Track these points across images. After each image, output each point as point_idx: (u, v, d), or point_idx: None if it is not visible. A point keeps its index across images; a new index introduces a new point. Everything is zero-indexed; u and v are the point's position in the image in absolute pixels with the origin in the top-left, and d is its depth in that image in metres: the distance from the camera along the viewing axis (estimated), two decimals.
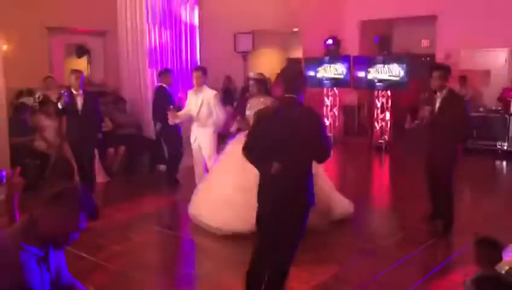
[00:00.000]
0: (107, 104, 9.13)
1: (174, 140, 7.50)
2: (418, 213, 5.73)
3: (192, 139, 6.47)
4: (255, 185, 3.37)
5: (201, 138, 6.35)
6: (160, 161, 8.72)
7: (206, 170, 6.26)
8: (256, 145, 3.30)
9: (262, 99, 5.18)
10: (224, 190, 5.12)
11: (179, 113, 6.45)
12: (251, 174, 3.57)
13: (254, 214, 3.37)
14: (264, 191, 3.31)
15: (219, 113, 6.22)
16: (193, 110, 6.26)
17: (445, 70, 5.15)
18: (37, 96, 7.99)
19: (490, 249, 2.70)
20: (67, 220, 2.07)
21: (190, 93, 6.35)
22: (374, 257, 4.63)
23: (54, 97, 8.16)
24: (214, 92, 6.32)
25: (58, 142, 7.74)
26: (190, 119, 6.50)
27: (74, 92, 6.24)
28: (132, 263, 4.54)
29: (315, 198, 3.35)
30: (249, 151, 3.32)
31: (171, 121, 6.30)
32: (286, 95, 3.32)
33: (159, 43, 8.78)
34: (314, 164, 3.40)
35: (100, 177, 7.83)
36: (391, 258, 4.54)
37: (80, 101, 6.24)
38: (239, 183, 4.85)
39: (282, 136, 3.19)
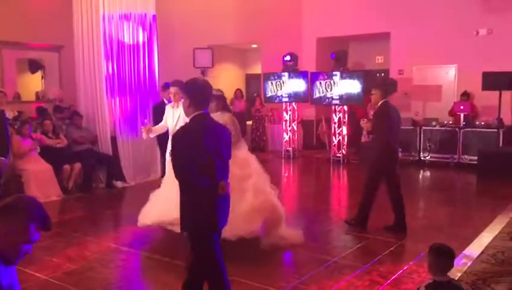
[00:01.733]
0: (63, 120, 8.94)
1: None
2: (377, 224, 5.88)
3: (168, 153, 6.34)
4: None
5: None
6: (117, 176, 8.59)
7: None
8: (184, 165, 3.25)
9: (217, 117, 5.19)
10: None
11: (154, 127, 6.40)
12: None
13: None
14: (204, 209, 3.29)
15: None
16: (170, 125, 6.14)
17: (381, 87, 5.90)
18: None
19: (443, 258, 2.75)
20: (17, 232, 2.00)
21: (168, 107, 6.28)
22: (331, 268, 4.68)
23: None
24: None
25: (10, 160, 7.51)
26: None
27: None
28: (87, 282, 4.42)
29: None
30: (180, 172, 3.28)
31: (144, 135, 6.23)
32: (197, 112, 3.35)
33: (116, 56, 8.68)
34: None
35: (55, 195, 7.64)
36: (348, 269, 4.61)
37: None
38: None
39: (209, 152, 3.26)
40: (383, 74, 12.75)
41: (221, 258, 3.41)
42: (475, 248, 5.17)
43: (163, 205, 5.11)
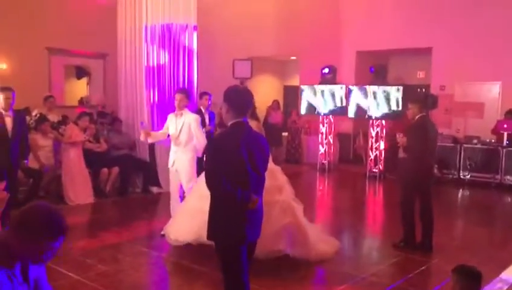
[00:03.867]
0: (105, 125, 9.22)
1: None
2: (411, 241, 5.74)
3: (170, 163, 6.15)
4: None
5: (180, 162, 6.02)
6: (153, 182, 8.75)
7: (182, 196, 6.13)
8: (217, 172, 3.14)
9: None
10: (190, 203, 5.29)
11: (154, 132, 6.34)
12: None
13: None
14: (232, 220, 3.20)
15: (200, 138, 5.95)
16: (173, 134, 6.04)
17: (418, 102, 5.76)
18: (34, 114, 8.06)
19: (468, 280, 2.67)
20: (32, 244, 2.07)
21: (170, 116, 6.15)
22: (359, 285, 4.62)
23: (52, 117, 8.30)
24: (195, 115, 6.12)
25: (52, 162, 7.80)
26: (164, 142, 6.41)
27: (3, 112, 5.91)
28: (116, 284, 4.53)
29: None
30: (212, 179, 3.17)
31: (142, 137, 6.16)
32: (236, 120, 3.25)
33: (157, 65, 8.89)
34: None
35: (92, 198, 7.87)
36: (376, 286, 4.54)
37: (9, 123, 5.90)
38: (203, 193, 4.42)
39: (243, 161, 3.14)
40: (423, 89, 12.51)
41: (246, 271, 3.29)
42: None
43: (200, 218, 4.76)
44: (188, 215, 5.23)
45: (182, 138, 5.97)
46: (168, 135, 6.13)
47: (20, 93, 7.54)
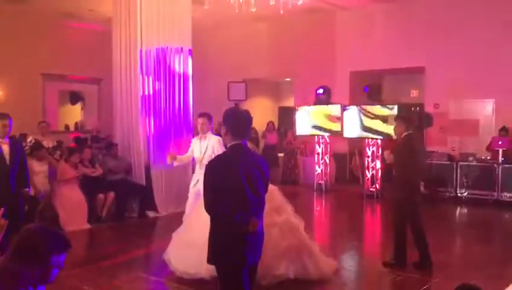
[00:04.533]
0: (100, 149, 9.19)
1: None
2: (411, 261, 5.70)
3: (192, 184, 6.30)
4: None
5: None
6: (149, 206, 8.68)
7: None
8: (215, 195, 3.14)
9: None
10: (191, 232, 5.14)
11: (179, 156, 6.51)
12: None
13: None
14: (232, 243, 3.17)
15: None
16: (197, 157, 6.20)
17: (404, 119, 5.77)
18: (29, 140, 8.03)
19: None
20: (43, 266, 2.05)
21: (194, 140, 6.34)
22: None
23: (46, 142, 8.26)
24: (218, 137, 6.20)
25: (47, 188, 7.74)
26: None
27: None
28: None
29: None
30: (211, 202, 3.16)
31: (169, 161, 6.41)
32: (234, 142, 3.27)
33: (152, 91, 8.91)
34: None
35: (86, 224, 7.78)
36: None
37: (6, 150, 5.79)
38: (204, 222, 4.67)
39: (240, 185, 3.13)
40: (417, 108, 12.59)
41: None
42: None
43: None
44: (191, 247, 5.04)
45: (206, 160, 6.03)
46: (193, 158, 6.34)
47: (15, 120, 7.52)
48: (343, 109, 11.59)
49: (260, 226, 3.27)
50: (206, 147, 6.10)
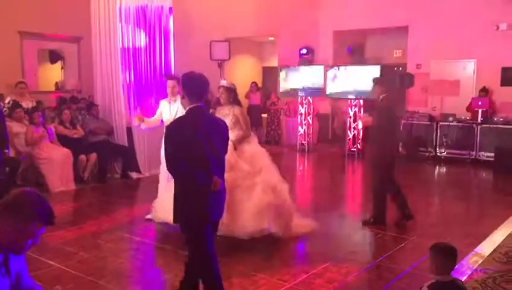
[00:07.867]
0: (80, 110, 9.07)
1: None
2: (390, 219, 5.86)
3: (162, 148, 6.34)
4: None
5: None
6: (132, 167, 8.69)
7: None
8: (177, 157, 3.24)
9: (227, 109, 5.21)
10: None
11: (147, 119, 6.39)
12: None
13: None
14: (195, 202, 3.28)
15: None
16: (167, 120, 6.00)
17: (380, 81, 5.95)
18: (6, 101, 7.88)
19: (445, 257, 2.72)
20: (20, 229, 2.04)
21: (163, 102, 6.19)
22: (340, 263, 4.69)
23: (25, 103, 8.12)
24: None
25: (28, 149, 7.66)
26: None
27: None
28: (99, 270, 4.51)
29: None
30: (172, 164, 3.27)
31: (136, 122, 6.26)
32: (193, 105, 3.34)
33: (133, 46, 8.73)
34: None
35: (71, 185, 7.77)
36: (356, 264, 4.63)
37: None
38: None
39: (202, 146, 3.22)
40: (400, 68, 12.62)
41: (214, 251, 3.37)
42: (487, 246, 5.12)
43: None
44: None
45: None
46: (162, 121, 6.16)
47: None
48: (327, 69, 11.57)
49: (222, 185, 3.39)
50: (176, 110, 5.96)
